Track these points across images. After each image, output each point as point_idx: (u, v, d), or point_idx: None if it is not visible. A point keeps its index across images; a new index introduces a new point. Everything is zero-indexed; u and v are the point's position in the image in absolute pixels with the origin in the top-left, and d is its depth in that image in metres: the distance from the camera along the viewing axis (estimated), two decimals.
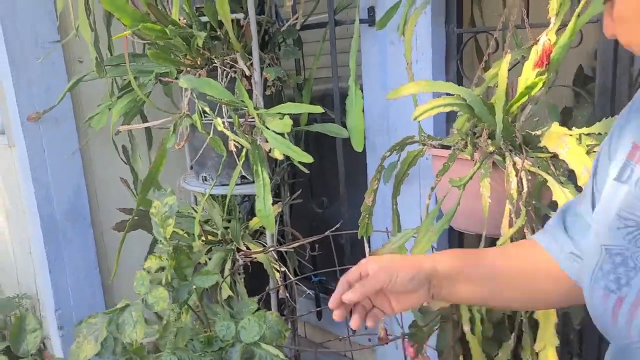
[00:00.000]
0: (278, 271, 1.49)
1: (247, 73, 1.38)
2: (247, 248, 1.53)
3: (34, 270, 1.85)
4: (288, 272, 1.52)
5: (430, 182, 1.59)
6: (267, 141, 1.37)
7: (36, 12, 1.63)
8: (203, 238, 1.49)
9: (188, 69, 1.45)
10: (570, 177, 0.99)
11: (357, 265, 0.74)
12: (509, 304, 0.77)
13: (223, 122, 1.34)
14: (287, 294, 1.51)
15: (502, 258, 0.74)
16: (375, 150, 1.71)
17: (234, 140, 1.33)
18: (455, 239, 1.57)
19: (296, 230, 1.75)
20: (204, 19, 1.38)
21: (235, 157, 1.37)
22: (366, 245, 1.44)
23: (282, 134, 1.27)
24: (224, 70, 1.43)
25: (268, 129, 1.29)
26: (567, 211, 0.73)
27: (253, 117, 1.37)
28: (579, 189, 0.94)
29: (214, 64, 1.45)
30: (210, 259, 1.49)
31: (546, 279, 0.72)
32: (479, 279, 0.73)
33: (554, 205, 0.98)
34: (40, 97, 1.67)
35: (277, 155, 1.38)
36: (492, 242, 1.05)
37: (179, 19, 1.35)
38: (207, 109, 1.36)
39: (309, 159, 1.26)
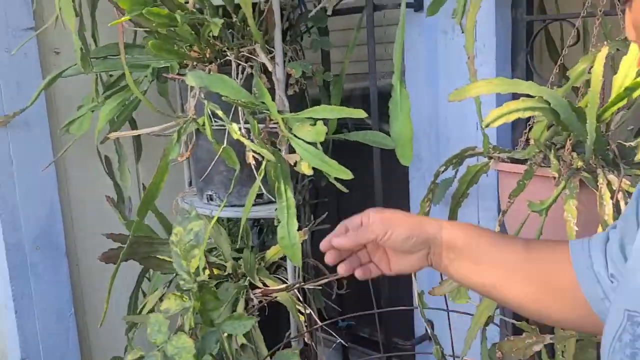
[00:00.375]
0: (302, 313, 1.49)
1: (270, 68, 1.39)
2: (263, 284, 1.54)
3: None
4: (314, 315, 1.52)
5: (490, 204, 1.60)
6: (290, 152, 1.38)
7: None
8: (208, 272, 1.50)
9: (194, 63, 1.47)
10: None
11: (363, 213, 0.84)
12: (512, 302, 0.81)
13: (240, 129, 1.36)
14: (313, 343, 1.51)
15: (523, 250, 0.79)
16: (420, 163, 1.72)
17: (253, 151, 1.35)
18: None
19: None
20: (215, 1, 1.40)
21: (254, 171, 1.38)
22: (414, 280, 1.44)
23: (313, 144, 1.29)
24: (239, 64, 1.45)
25: (296, 137, 1.31)
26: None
27: (276, 123, 1.39)
28: None
29: (227, 57, 1.47)
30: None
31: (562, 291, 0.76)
32: (487, 265, 0.79)
33: None
34: (10, 96, 1.70)
35: (305, 169, 1.39)
36: None
37: (186, 2, 1.38)
38: (219, 112, 1.38)
39: (348, 175, 1.27)
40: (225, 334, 1.10)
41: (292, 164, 1.42)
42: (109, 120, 1.60)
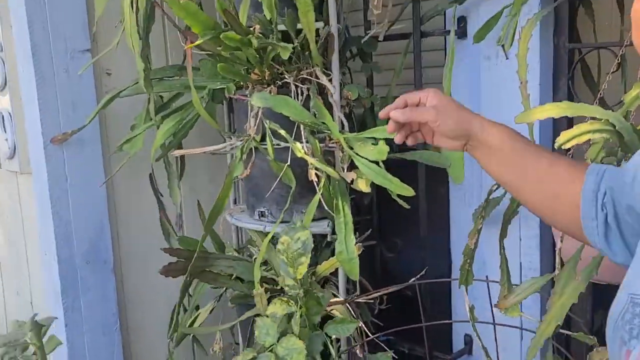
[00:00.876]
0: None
1: (332, 90, 1.47)
2: None
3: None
4: (366, 329, 1.58)
5: (532, 222, 1.68)
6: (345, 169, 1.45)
7: (68, 14, 1.73)
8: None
9: (253, 84, 1.55)
10: None
11: (424, 90, 0.97)
12: (528, 204, 0.96)
13: (302, 148, 1.43)
14: (364, 354, 1.57)
15: (547, 165, 0.91)
16: (461, 184, 1.79)
17: (316, 169, 1.41)
18: None
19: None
20: (279, 27, 1.48)
21: (316, 186, 1.45)
22: (466, 297, 1.50)
23: (376, 162, 1.36)
24: (298, 87, 1.52)
25: (359, 155, 1.37)
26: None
27: (335, 142, 1.46)
28: None
29: (284, 80, 1.54)
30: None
31: (569, 209, 0.89)
32: (511, 167, 0.93)
33: None
34: (66, 115, 1.76)
35: (363, 187, 1.46)
36: None
37: (252, 27, 1.45)
38: (282, 132, 1.45)
39: (410, 192, 1.34)
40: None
41: (349, 182, 1.49)
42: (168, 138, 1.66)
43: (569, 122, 1.49)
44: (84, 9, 1.77)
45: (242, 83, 1.60)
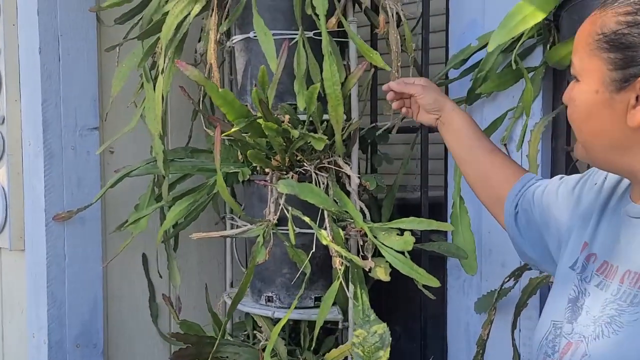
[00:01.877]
0: None
1: (355, 180, 1.52)
2: None
3: None
4: None
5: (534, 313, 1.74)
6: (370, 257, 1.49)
7: (81, 91, 1.73)
8: None
9: (274, 170, 1.58)
10: None
11: (417, 78, 1.31)
12: (466, 178, 1.26)
13: (327, 235, 1.45)
14: None
15: (489, 153, 1.20)
16: (459, 272, 1.85)
17: (340, 257, 1.44)
18: None
19: None
20: (302, 117, 1.53)
21: (339, 274, 1.46)
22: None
23: (402, 253, 1.40)
24: (318, 174, 1.56)
25: (385, 245, 1.41)
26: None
27: (355, 230, 1.50)
28: None
29: (304, 167, 1.58)
30: None
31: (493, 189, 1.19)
32: (463, 145, 1.23)
33: None
34: (71, 192, 1.72)
35: (382, 275, 1.49)
36: None
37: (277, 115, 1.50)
38: (306, 219, 1.47)
39: (436, 282, 1.38)
40: None
41: (367, 270, 1.52)
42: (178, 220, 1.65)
43: None
44: (96, 85, 1.78)
45: (257, 168, 1.63)
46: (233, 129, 1.38)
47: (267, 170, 1.58)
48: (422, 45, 1.74)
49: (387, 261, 1.47)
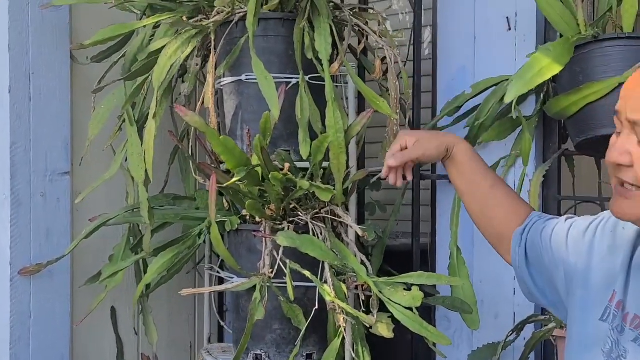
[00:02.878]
0: None
1: (358, 232, 1.45)
2: None
3: None
4: None
5: None
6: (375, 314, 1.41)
7: (52, 134, 1.60)
8: None
9: (267, 220, 1.49)
10: None
11: (397, 139, 1.17)
12: (468, 211, 1.20)
13: (331, 290, 1.37)
14: None
15: (489, 189, 1.15)
16: (449, 324, 1.80)
17: (344, 314, 1.36)
18: None
19: None
20: (300, 164, 1.46)
21: (344, 332, 1.39)
22: None
23: (410, 309, 1.33)
24: (315, 225, 1.49)
25: (391, 301, 1.35)
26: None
27: (357, 285, 1.43)
28: None
29: (299, 216, 1.51)
30: None
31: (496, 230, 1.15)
32: (465, 179, 1.17)
33: None
34: (39, 244, 1.57)
35: (384, 332, 1.42)
36: None
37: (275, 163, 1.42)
38: (306, 272, 1.39)
39: (448, 341, 1.32)
40: None
41: (369, 326, 1.45)
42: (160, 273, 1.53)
43: None
44: (69, 127, 1.65)
45: (248, 217, 1.54)
46: (234, 179, 1.29)
47: (257, 219, 1.49)
48: (413, 90, 1.71)
49: (389, 317, 1.41)
